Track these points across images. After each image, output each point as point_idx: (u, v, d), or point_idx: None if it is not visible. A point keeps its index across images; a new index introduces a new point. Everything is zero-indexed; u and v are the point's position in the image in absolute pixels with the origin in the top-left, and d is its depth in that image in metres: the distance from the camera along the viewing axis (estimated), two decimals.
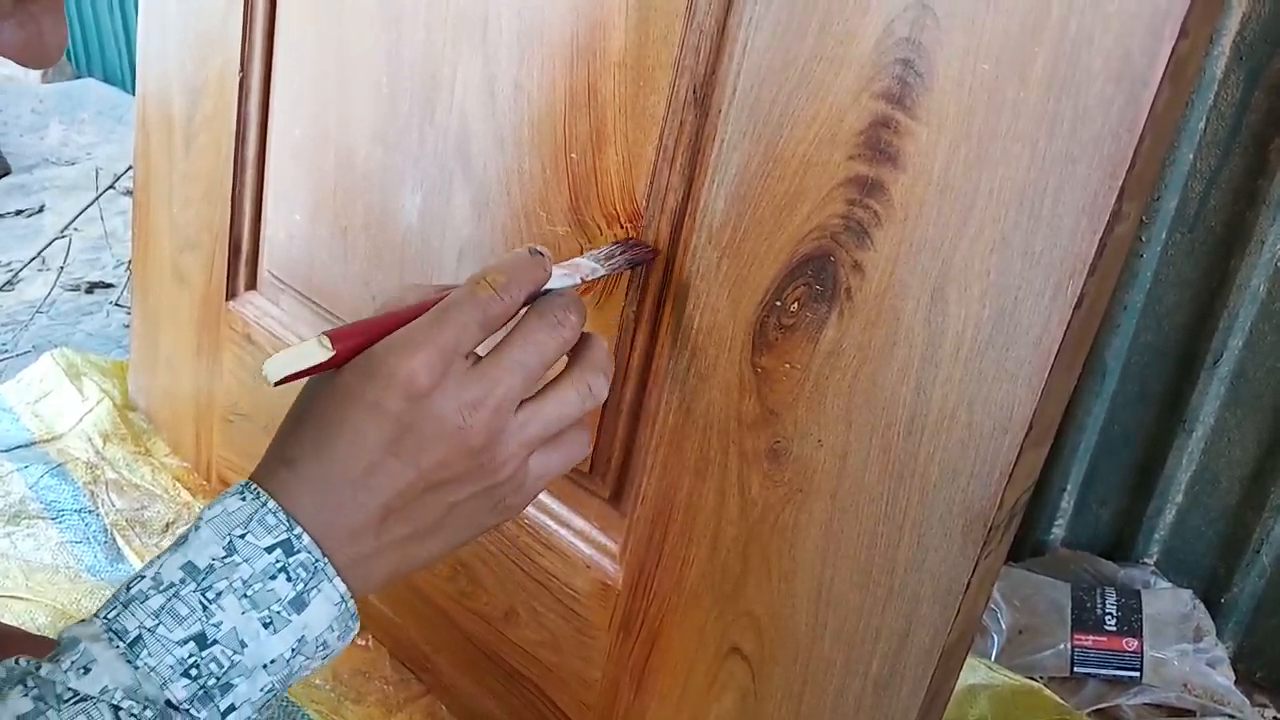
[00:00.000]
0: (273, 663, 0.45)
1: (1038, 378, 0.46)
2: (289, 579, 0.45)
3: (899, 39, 0.48)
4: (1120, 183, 0.43)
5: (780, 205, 0.54)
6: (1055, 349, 0.45)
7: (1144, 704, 1.00)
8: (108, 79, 3.01)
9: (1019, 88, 0.45)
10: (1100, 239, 0.43)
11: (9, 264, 1.76)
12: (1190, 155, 0.97)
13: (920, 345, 0.50)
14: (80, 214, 1.85)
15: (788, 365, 0.55)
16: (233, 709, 0.44)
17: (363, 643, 0.92)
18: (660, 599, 0.65)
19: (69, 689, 0.42)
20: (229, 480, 1.07)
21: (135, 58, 1.07)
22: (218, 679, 0.44)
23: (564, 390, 0.52)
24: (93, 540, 1.04)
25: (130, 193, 1.38)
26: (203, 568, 0.44)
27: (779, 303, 0.55)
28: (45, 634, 0.90)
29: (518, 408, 0.50)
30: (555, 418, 0.51)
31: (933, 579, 0.52)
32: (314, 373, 0.48)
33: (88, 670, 0.42)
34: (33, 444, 1.16)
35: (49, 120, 2.63)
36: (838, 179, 0.51)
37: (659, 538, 0.64)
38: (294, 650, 0.45)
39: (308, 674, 0.48)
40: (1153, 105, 0.41)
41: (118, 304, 1.65)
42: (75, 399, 1.21)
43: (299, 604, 0.45)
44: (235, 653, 0.44)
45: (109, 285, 1.72)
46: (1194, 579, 1.09)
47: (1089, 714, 0.99)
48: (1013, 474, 0.48)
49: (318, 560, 0.46)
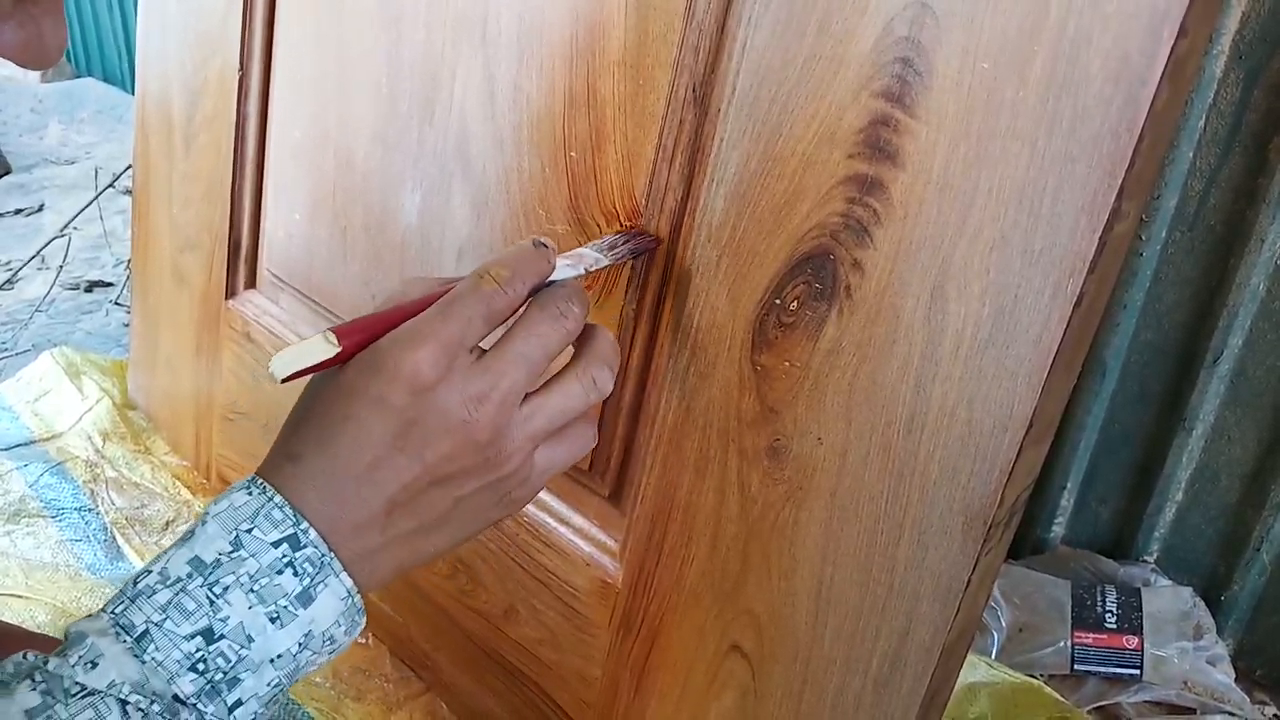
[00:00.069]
0: (279, 657, 0.45)
1: (1037, 376, 0.46)
2: (295, 574, 0.45)
3: (898, 38, 0.48)
4: (1120, 181, 0.43)
5: (780, 204, 0.54)
6: (1055, 347, 0.46)
7: (1144, 701, 1.00)
8: (107, 79, 3.01)
9: (1018, 86, 0.45)
10: (1100, 237, 0.43)
11: (8, 263, 1.76)
12: (1190, 154, 0.97)
13: (920, 343, 0.50)
14: (80, 213, 1.85)
15: (787, 363, 0.55)
16: (239, 704, 0.44)
17: (363, 640, 0.92)
18: (660, 597, 0.65)
19: (77, 683, 0.42)
20: (229, 478, 1.07)
21: (135, 57, 1.07)
22: (225, 674, 0.44)
23: (568, 383, 0.52)
24: (92, 538, 1.04)
25: (129, 192, 1.38)
26: (209, 562, 0.45)
27: (779, 301, 0.55)
28: (45, 632, 0.90)
29: (523, 401, 0.50)
30: (559, 411, 0.51)
31: (933, 577, 0.52)
32: (320, 369, 0.48)
33: (95, 665, 0.42)
34: (32, 442, 1.16)
35: (48, 120, 2.63)
36: (837, 177, 0.51)
37: (659, 536, 0.64)
38: (300, 645, 0.46)
39: (313, 669, 0.48)
40: (1152, 104, 0.41)
41: (117, 303, 1.65)
42: (75, 397, 1.21)
43: (305, 599, 0.45)
44: (242, 647, 0.44)
45: (108, 284, 1.72)
46: (1194, 577, 1.09)
47: (1089, 712, 0.99)
48: (1013, 472, 0.48)
49: (324, 555, 0.46)
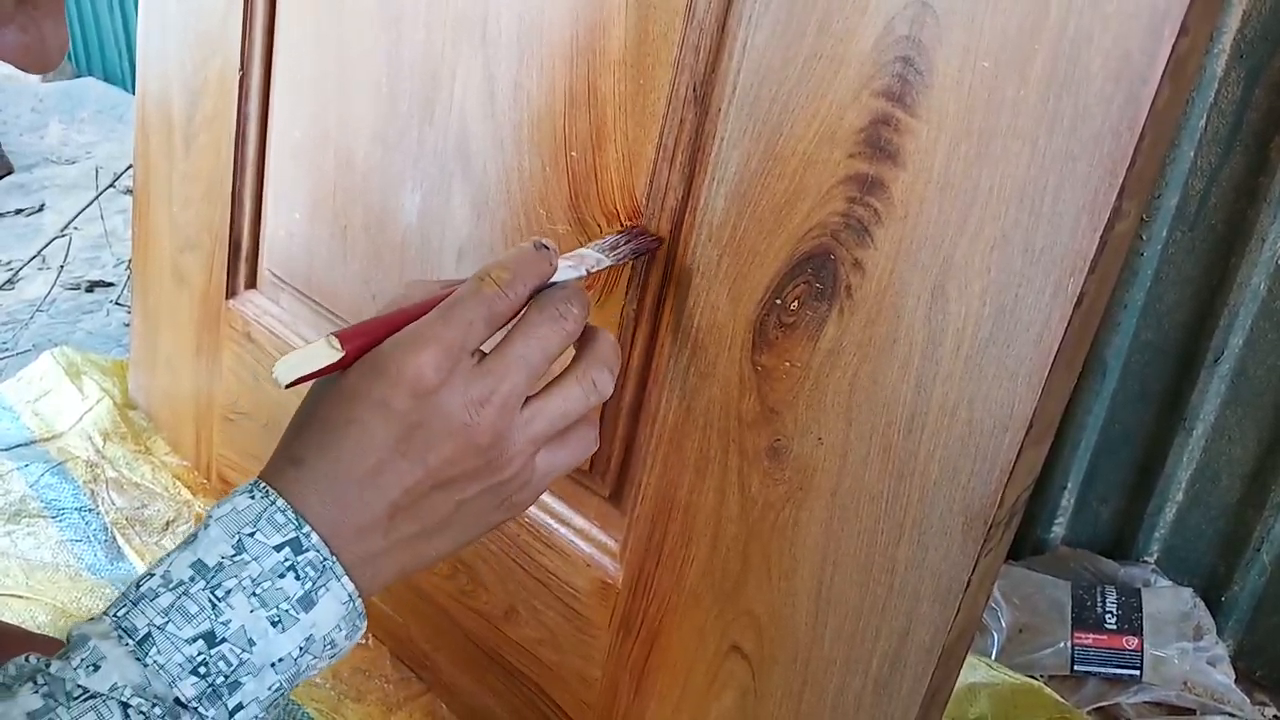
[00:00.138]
0: (280, 661, 0.45)
1: (1038, 375, 0.46)
2: (297, 577, 0.45)
3: (899, 37, 0.48)
4: (1120, 180, 0.43)
5: (780, 203, 0.54)
6: (1056, 347, 0.45)
7: (1144, 702, 1.00)
8: (108, 78, 3.02)
9: (1019, 85, 0.45)
10: (1101, 237, 0.43)
11: (9, 263, 1.76)
12: (1191, 153, 0.97)
13: (921, 343, 0.50)
14: (80, 213, 1.85)
15: (788, 363, 0.55)
16: (240, 707, 0.44)
17: (363, 641, 0.92)
18: (660, 597, 0.65)
19: (78, 686, 0.42)
20: (229, 479, 1.07)
21: (135, 57, 1.07)
22: (226, 677, 0.44)
23: (568, 386, 0.52)
24: (93, 539, 1.04)
25: (130, 191, 1.38)
26: (212, 566, 0.45)
27: (779, 301, 0.55)
28: (45, 632, 0.90)
29: (524, 404, 0.50)
30: (560, 414, 0.51)
31: (933, 577, 0.51)
32: (324, 374, 0.48)
33: (97, 668, 0.42)
34: (33, 442, 1.16)
35: (49, 119, 2.63)
36: (838, 177, 0.51)
37: (659, 536, 0.64)
38: (302, 649, 0.46)
39: (315, 673, 0.48)
40: (1153, 103, 0.41)
41: (118, 303, 1.65)
42: (75, 397, 1.21)
43: (307, 602, 0.45)
44: (244, 651, 0.44)
45: (109, 284, 1.72)
46: (1194, 577, 1.09)
47: (1089, 712, 0.99)
48: (1013, 472, 0.48)
49: (326, 559, 0.46)
